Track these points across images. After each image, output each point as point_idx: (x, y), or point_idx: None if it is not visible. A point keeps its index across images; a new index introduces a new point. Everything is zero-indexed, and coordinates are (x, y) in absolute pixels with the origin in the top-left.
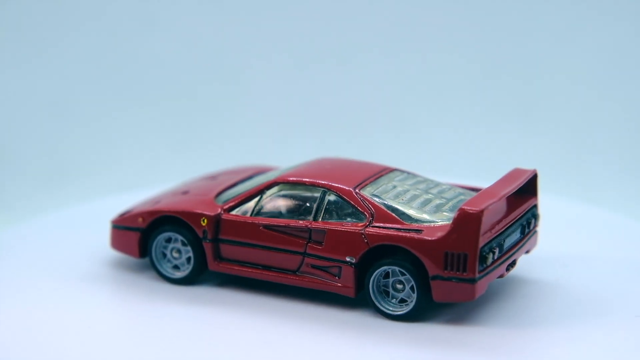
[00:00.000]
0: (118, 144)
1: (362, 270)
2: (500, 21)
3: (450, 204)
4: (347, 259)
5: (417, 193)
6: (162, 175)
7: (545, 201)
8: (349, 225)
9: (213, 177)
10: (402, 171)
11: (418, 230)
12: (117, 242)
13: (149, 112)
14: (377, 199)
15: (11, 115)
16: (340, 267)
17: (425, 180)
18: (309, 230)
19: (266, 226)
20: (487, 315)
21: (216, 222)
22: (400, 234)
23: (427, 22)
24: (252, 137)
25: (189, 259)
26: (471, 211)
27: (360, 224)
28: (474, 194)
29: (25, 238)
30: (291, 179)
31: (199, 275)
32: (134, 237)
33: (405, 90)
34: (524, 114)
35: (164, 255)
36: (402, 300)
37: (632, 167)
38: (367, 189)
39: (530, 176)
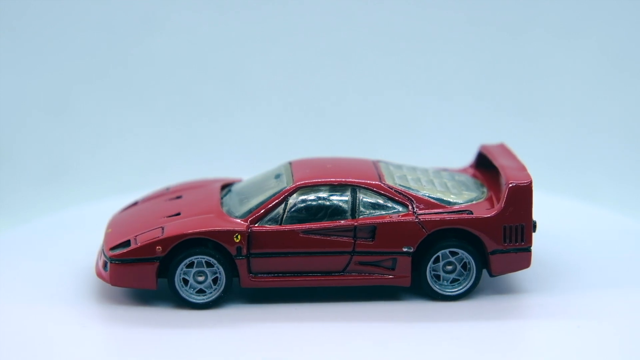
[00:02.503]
0: (118, 144)
1: (417, 258)
2: (497, 18)
3: (459, 184)
4: (404, 249)
5: (427, 178)
6: (162, 176)
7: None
8: (397, 216)
9: (176, 196)
10: (385, 162)
11: (468, 211)
12: (125, 277)
13: (148, 112)
14: (406, 188)
15: (10, 114)
16: (395, 259)
17: (413, 167)
18: (354, 229)
19: (305, 232)
20: (521, 283)
21: (248, 236)
22: (456, 216)
23: (426, 19)
24: (252, 136)
25: (215, 280)
26: (523, 185)
27: (406, 214)
28: (466, 174)
29: (26, 240)
30: (316, 181)
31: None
32: (151, 268)
33: (401, 89)
34: (522, 111)
35: (186, 281)
36: (454, 281)
37: (627, 164)
38: (388, 180)
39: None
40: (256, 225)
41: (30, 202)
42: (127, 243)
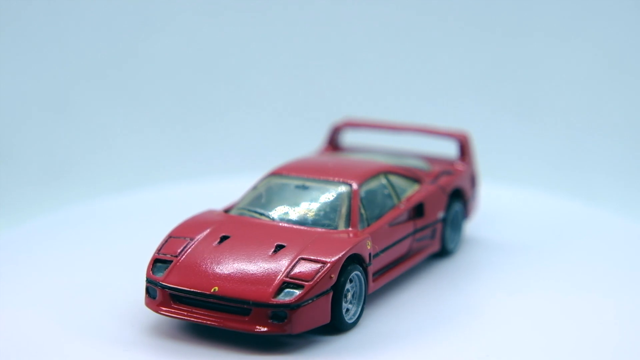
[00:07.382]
0: (117, 143)
1: None
2: (499, 20)
3: (399, 156)
4: (440, 215)
5: (382, 157)
6: (163, 175)
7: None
8: (425, 189)
9: (221, 237)
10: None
11: (448, 171)
12: (306, 318)
13: (149, 111)
14: (406, 165)
15: (10, 114)
16: (434, 228)
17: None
18: (408, 210)
19: (390, 224)
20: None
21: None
22: (451, 177)
23: (426, 20)
24: (252, 135)
25: (353, 295)
26: (467, 136)
27: (426, 185)
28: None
29: (26, 239)
30: (365, 178)
31: None
32: (327, 300)
33: (402, 89)
34: (522, 111)
35: None
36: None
37: (627, 164)
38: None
39: None
40: (362, 230)
41: (30, 202)
42: (287, 286)
